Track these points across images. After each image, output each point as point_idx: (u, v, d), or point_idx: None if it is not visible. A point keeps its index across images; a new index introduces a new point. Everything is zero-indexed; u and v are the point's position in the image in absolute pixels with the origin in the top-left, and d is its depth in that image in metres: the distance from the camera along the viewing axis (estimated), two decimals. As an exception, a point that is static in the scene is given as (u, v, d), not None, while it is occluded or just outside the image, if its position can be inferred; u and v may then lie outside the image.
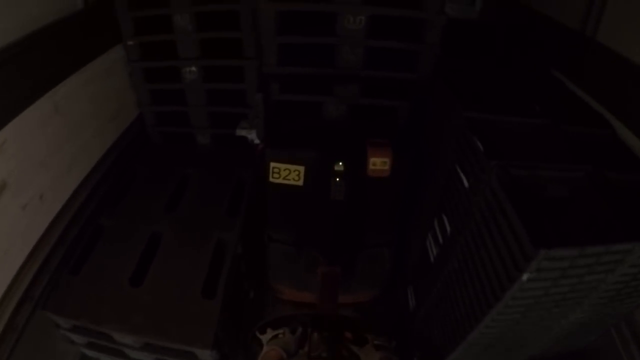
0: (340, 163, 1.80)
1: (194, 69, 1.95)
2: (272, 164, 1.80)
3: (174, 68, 1.99)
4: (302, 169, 1.81)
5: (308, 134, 1.89)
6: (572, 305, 1.36)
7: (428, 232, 1.81)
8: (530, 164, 1.17)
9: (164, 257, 1.77)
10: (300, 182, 1.84)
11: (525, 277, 1.14)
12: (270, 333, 1.40)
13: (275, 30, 1.77)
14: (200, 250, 1.80)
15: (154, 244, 1.82)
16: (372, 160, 1.79)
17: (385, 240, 2.13)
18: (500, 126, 1.37)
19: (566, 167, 1.20)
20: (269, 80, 1.91)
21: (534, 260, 0.99)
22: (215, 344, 1.55)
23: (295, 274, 2.03)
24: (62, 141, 1.72)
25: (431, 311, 1.76)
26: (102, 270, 1.72)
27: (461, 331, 1.46)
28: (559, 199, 1.10)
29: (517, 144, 1.28)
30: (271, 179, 1.84)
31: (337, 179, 1.81)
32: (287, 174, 1.83)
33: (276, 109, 2.00)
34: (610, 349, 1.68)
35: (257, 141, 2.05)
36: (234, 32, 1.91)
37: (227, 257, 1.80)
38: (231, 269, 1.78)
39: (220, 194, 2.02)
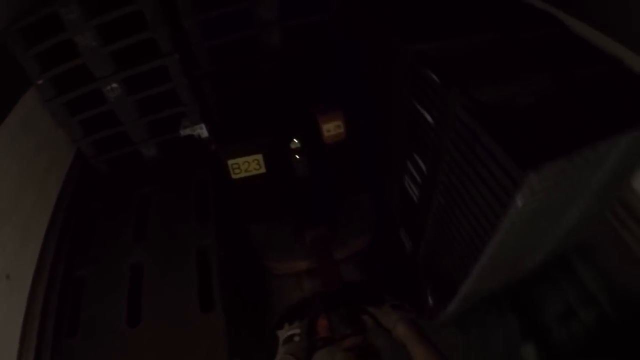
0: (296, 140, 1.79)
1: (114, 85, 1.78)
2: (230, 162, 1.80)
3: (96, 91, 1.82)
4: (260, 157, 1.82)
5: (255, 122, 1.90)
6: (568, 207, 1.36)
7: (404, 173, 1.74)
8: (492, 84, 1.10)
9: (152, 287, 1.69)
10: (263, 169, 1.85)
11: (520, 202, 1.10)
12: (286, 329, 1.30)
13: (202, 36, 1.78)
14: (184, 267, 1.72)
15: (137, 277, 1.72)
16: (326, 127, 1.78)
17: (362, 188, 2.20)
18: (449, 51, 1.27)
19: (529, 77, 1.13)
20: (202, 82, 1.89)
21: (524, 184, 0.95)
22: (232, 354, 1.50)
23: (284, 246, 2.06)
24: (8, 212, 1.57)
25: (431, 249, 1.73)
26: (96, 322, 1.63)
27: (467, 263, 1.45)
28: (531, 111, 1.03)
29: (472, 66, 1.20)
30: (234, 176, 1.84)
31: (297, 157, 1.82)
32: (248, 166, 1.83)
33: (216, 106, 1.98)
34: (609, 232, 1.72)
35: (204, 135, 1.96)
36: (144, 32, 1.72)
37: (213, 263, 1.73)
38: (221, 273, 1.71)
39: (184, 203, 1.93)
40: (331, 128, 1.78)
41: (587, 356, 1.72)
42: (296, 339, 1.22)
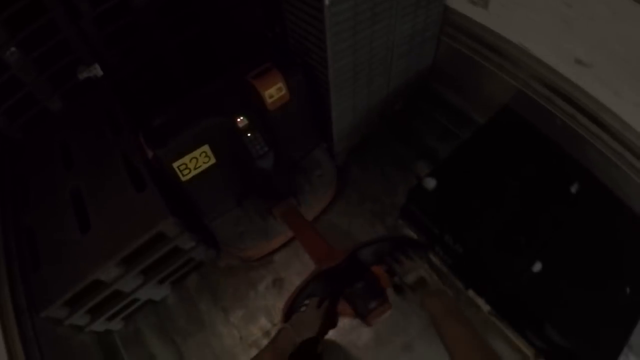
0: (241, 117, 1.63)
1: (13, 49, 1.92)
2: (176, 164, 1.61)
3: None
4: (206, 147, 1.64)
5: (183, 108, 1.67)
6: (387, 17, 1.70)
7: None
8: None
9: (94, 198, 1.86)
10: (213, 160, 1.69)
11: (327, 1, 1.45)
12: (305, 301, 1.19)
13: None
14: (114, 169, 1.88)
15: (78, 198, 1.89)
16: (267, 93, 1.62)
17: (315, 142, 2.10)
18: None
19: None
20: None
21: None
22: (175, 217, 1.72)
23: (257, 230, 1.96)
24: None
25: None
26: (54, 247, 1.80)
27: (324, 80, 1.76)
28: None
29: None
30: (183, 178, 1.67)
31: (249, 134, 1.65)
32: (196, 162, 1.66)
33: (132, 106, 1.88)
34: (449, 49, 2.08)
35: (100, 74, 2.11)
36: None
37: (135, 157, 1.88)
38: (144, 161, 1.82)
39: (98, 125, 2.06)
40: (273, 93, 1.63)
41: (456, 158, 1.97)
42: (302, 309, 1.13)
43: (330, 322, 1.18)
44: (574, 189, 1.86)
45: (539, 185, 1.86)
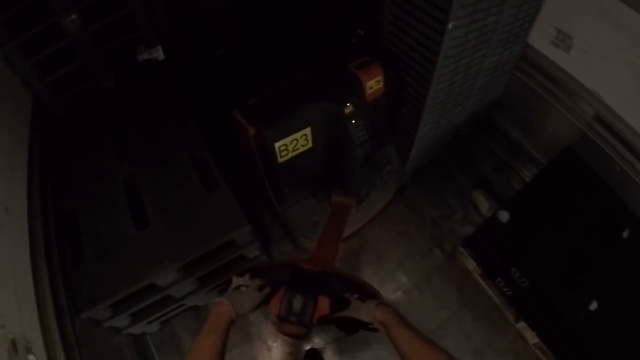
0: (349, 104, 1.62)
1: (74, 16, 1.75)
2: (278, 144, 1.58)
3: (53, 27, 1.76)
4: (308, 130, 1.62)
5: (287, 92, 1.64)
6: (484, 47, 1.72)
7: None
8: None
9: (153, 191, 1.71)
10: (310, 144, 1.67)
11: (450, 25, 1.44)
12: (242, 279, 1.14)
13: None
14: (177, 164, 1.74)
15: (132, 189, 1.74)
16: (368, 84, 1.65)
17: (389, 139, 2.09)
18: None
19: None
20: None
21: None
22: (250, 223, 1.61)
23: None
24: None
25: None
26: (102, 241, 1.64)
27: (420, 100, 1.76)
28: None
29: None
30: (280, 160, 1.64)
31: (353, 121, 1.65)
32: (295, 144, 1.63)
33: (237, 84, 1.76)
34: (520, 85, 2.12)
35: (161, 58, 1.97)
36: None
37: (205, 154, 1.78)
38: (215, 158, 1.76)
39: (158, 112, 1.92)
40: (373, 85, 1.66)
41: (525, 194, 2.02)
42: (242, 289, 1.09)
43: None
44: (625, 234, 1.94)
45: (595, 228, 1.92)
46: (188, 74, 2.12)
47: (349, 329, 1.07)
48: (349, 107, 1.62)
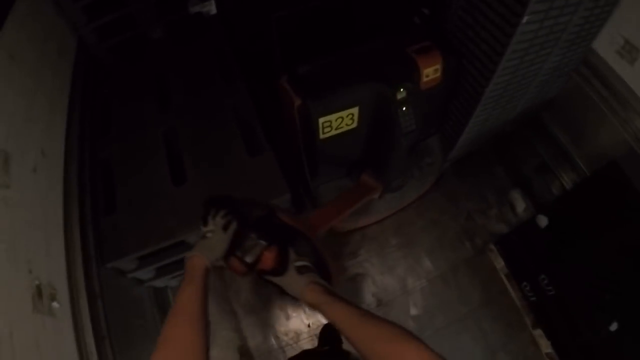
0: (402, 89, 1.52)
1: None
2: (322, 120, 1.49)
3: None
4: (355, 110, 1.53)
5: (341, 65, 1.55)
6: (550, 46, 1.65)
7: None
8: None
9: (194, 148, 1.68)
10: (355, 124, 1.59)
11: (525, 19, 1.37)
12: (205, 230, 1.07)
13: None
14: (222, 123, 1.70)
15: (172, 144, 1.71)
16: (425, 72, 1.55)
17: (435, 131, 2.02)
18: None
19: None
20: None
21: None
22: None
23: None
24: (31, 88, 1.51)
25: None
26: (136, 193, 1.61)
27: (478, 91, 1.70)
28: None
29: None
30: (322, 136, 1.56)
31: (404, 108, 1.55)
32: (340, 122, 1.54)
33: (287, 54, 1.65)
34: (576, 89, 2.05)
35: (212, 12, 1.91)
36: None
37: (251, 117, 1.74)
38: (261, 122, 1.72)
39: (206, 68, 1.86)
40: (430, 73, 1.56)
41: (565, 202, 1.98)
42: (208, 235, 1.04)
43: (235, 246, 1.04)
44: (658, 257, 1.90)
45: (629, 248, 1.89)
46: (240, 32, 2.04)
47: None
48: (401, 93, 1.52)
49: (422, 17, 1.81)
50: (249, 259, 0.99)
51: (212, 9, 1.88)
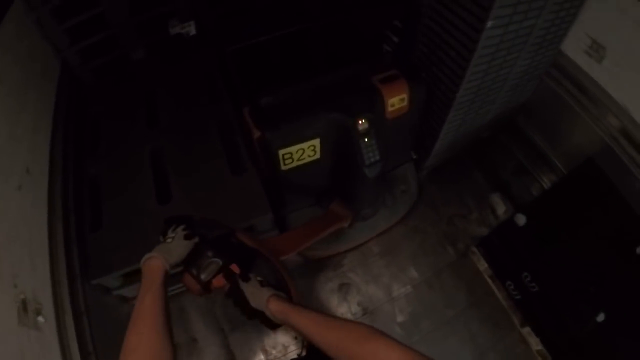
0: (363, 120, 1.51)
1: None
2: (282, 152, 1.51)
3: None
4: (317, 141, 1.54)
5: (302, 98, 1.55)
6: (518, 50, 1.71)
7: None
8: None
9: (179, 167, 1.70)
10: (317, 155, 1.60)
11: (489, 24, 1.44)
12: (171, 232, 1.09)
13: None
14: (207, 142, 1.73)
15: (158, 162, 1.74)
16: (390, 101, 1.54)
17: (407, 158, 2.03)
18: None
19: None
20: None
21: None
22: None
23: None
24: (15, 108, 1.54)
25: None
26: (122, 210, 1.63)
27: (449, 96, 1.74)
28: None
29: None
30: (283, 167, 1.58)
31: (366, 140, 1.55)
32: (301, 154, 1.55)
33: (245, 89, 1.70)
34: (548, 91, 2.10)
35: (192, 33, 1.96)
36: None
37: (236, 134, 1.76)
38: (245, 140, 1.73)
39: (193, 87, 1.91)
40: (395, 102, 1.56)
41: (543, 201, 2.03)
42: (169, 240, 1.05)
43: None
44: (639, 250, 1.94)
45: (609, 241, 1.92)
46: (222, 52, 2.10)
47: (246, 312, 1.02)
48: (363, 124, 1.52)
49: (391, 45, 1.86)
50: (203, 276, 1.01)
51: (192, 30, 1.94)
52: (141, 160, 1.74)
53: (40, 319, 1.24)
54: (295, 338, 1.92)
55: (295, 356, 1.66)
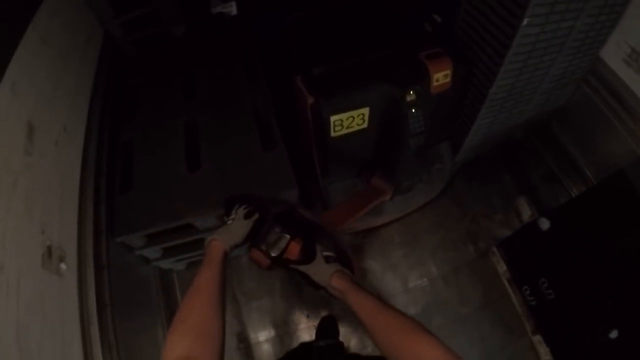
0: (412, 92, 1.59)
1: None
2: (334, 118, 1.56)
3: None
4: (366, 110, 1.60)
5: (353, 67, 1.63)
6: (555, 52, 1.68)
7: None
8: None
9: (211, 139, 1.76)
10: (365, 124, 1.66)
11: (525, 21, 1.43)
12: (233, 212, 1.15)
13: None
14: (241, 117, 1.78)
15: (192, 133, 1.80)
16: (435, 76, 1.61)
17: (445, 137, 2.05)
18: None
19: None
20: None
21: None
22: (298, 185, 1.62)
23: None
24: (59, 71, 1.62)
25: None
26: (152, 174, 1.70)
27: (482, 92, 1.74)
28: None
29: None
30: (333, 134, 1.63)
31: (413, 110, 1.62)
32: (351, 121, 1.61)
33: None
34: (584, 98, 2.07)
35: (234, 13, 2.01)
36: None
37: (270, 115, 1.80)
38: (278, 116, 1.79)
39: (231, 65, 1.95)
40: (440, 78, 1.62)
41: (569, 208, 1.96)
42: (229, 222, 1.10)
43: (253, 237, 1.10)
44: (661, 267, 1.88)
45: (631, 257, 1.87)
46: (260, 32, 2.15)
47: (313, 284, 1.03)
48: (411, 95, 1.59)
49: (433, 25, 1.88)
50: (274, 252, 1.04)
51: (234, 9, 1.99)
52: (175, 130, 1.80)
53: (63, 265, 1.31)
54: (307, 317, 1.95)
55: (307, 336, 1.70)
